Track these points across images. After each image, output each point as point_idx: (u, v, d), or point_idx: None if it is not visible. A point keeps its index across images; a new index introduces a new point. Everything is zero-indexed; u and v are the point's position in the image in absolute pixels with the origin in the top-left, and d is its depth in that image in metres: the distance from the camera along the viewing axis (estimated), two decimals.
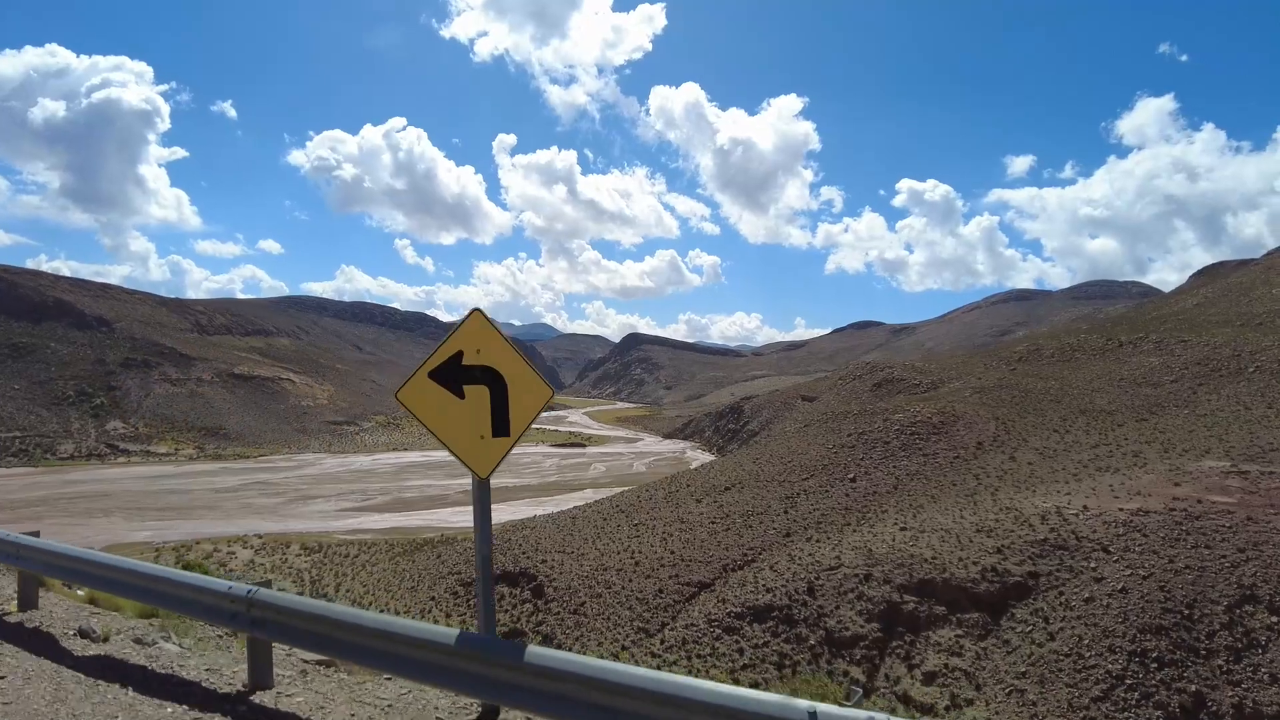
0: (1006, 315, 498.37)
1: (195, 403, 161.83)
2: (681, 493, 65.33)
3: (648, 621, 45.55)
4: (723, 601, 44.84)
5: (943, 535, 43.76)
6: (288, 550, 77.28)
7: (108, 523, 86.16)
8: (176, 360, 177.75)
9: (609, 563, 52.49)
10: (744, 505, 57.75)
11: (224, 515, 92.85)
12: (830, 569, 44.60)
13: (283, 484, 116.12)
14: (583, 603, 48.48)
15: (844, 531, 49.64)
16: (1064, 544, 38.99)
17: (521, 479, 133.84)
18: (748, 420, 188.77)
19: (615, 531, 58.45)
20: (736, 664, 40.57)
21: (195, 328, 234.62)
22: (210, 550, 75.74)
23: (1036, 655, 33.79)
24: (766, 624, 42.48)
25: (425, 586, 57.92)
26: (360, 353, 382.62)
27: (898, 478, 56.87)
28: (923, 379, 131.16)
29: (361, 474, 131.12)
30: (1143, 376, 71.32)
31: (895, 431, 64.68)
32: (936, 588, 40.01)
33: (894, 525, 47.68)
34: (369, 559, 72.25)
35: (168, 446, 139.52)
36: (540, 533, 62.23)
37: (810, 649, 40.41)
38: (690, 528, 55.52)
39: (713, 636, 42.63)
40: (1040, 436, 60.22)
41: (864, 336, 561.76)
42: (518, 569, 55.20)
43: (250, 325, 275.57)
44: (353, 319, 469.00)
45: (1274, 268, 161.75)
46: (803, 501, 56.14)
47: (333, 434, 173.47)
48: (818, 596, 43.09)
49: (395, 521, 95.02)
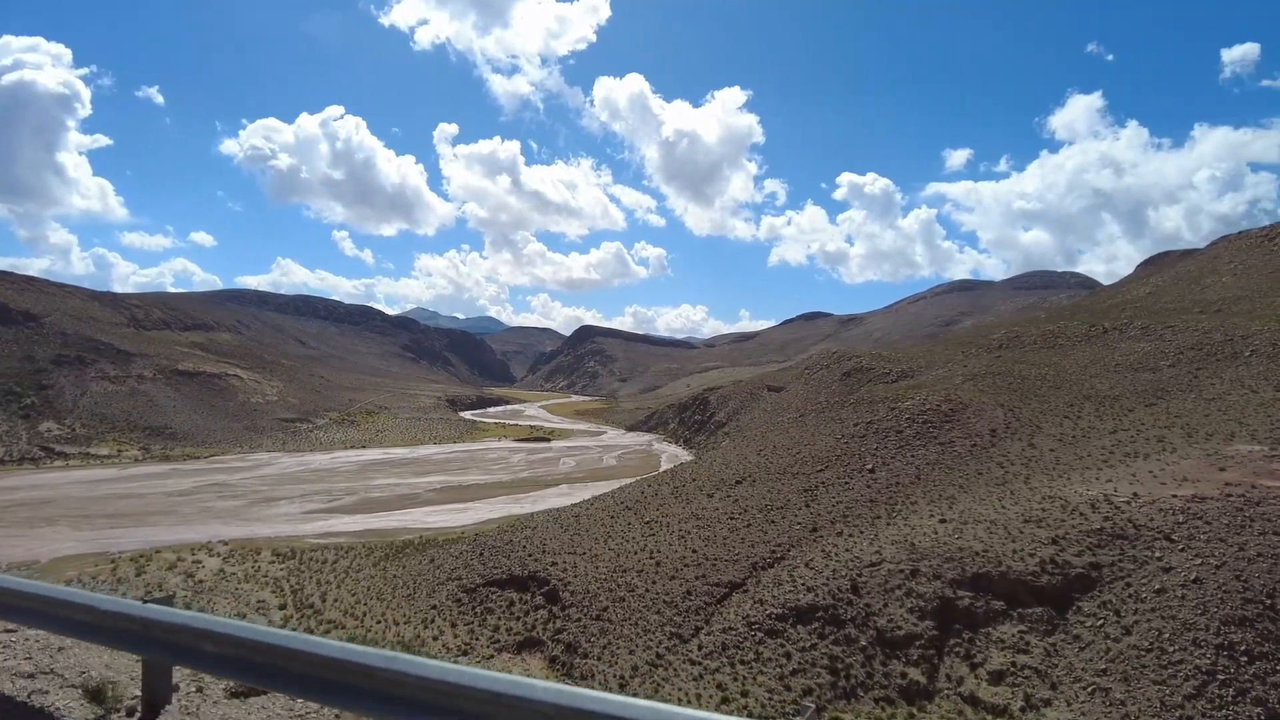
0: (951, 305, 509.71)
1: (137, 401, 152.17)
2: (689, 487, 62.79)
3: (680, 626, 42.93)
4: (760, 603, 42.49)
5: (988, 527, 42.23)
6: (259, 557, 72.06)
7: (52, 533, 79.29)
8: (114, 356, 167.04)
9: (627, 564, 49.63)
10: (760, 499, 55.54)
11: (182, 520, 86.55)
12: (872, 565, 42.65)
13: (241, 485, 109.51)
14: (605, 608, 45.55)
15: (875, 525, 47.81)
16: (1122, 533, 37.74)
17: (492, 475, 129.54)
18: (714, 411, 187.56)
19: (627, 530, 55.57)
20: (785, 669, 38.26)
21: (131, 322, 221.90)
22: (173, 560, 70.05)
23: (1115, 651, 32.28)
24: (811, 625, 40.30)
25: (423, 594, 54.08)
26: (305, 348, 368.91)
27: (918, 468, 55.43)
28: (892, 368, 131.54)
29: (323, 473, 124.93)
30: (1138, 362, 71.74)
31: (906, 420, 63.37)
32: (992, 582, 38.38)
33: (930, 517, 46.04)
34: (350, 565, 67.77)
35: (109, 448, 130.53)
36: (544, 533, 58.92)
37: (862, 650, 38.36)
38: (708, 525, 53.04)
39: (755, 641, 40.24)
40: (1053, 423, 59.60)
41: (813, 327, 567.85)
42: (525, 572, 51.90)
43: (190, 320, 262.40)
44: (295, 313, 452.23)
45: (1220, 257, 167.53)
46: (823, 494, 54.20)
47: (286, 432, 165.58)
48: (863, 594, 41.10)
49: (368, 523, 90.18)
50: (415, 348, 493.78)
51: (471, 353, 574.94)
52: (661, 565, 48.18)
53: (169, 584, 63.06)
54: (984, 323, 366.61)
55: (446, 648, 45.81)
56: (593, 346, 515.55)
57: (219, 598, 58.92)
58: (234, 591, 60.85)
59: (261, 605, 56.73)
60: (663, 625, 43.05)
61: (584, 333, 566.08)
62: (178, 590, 61.07)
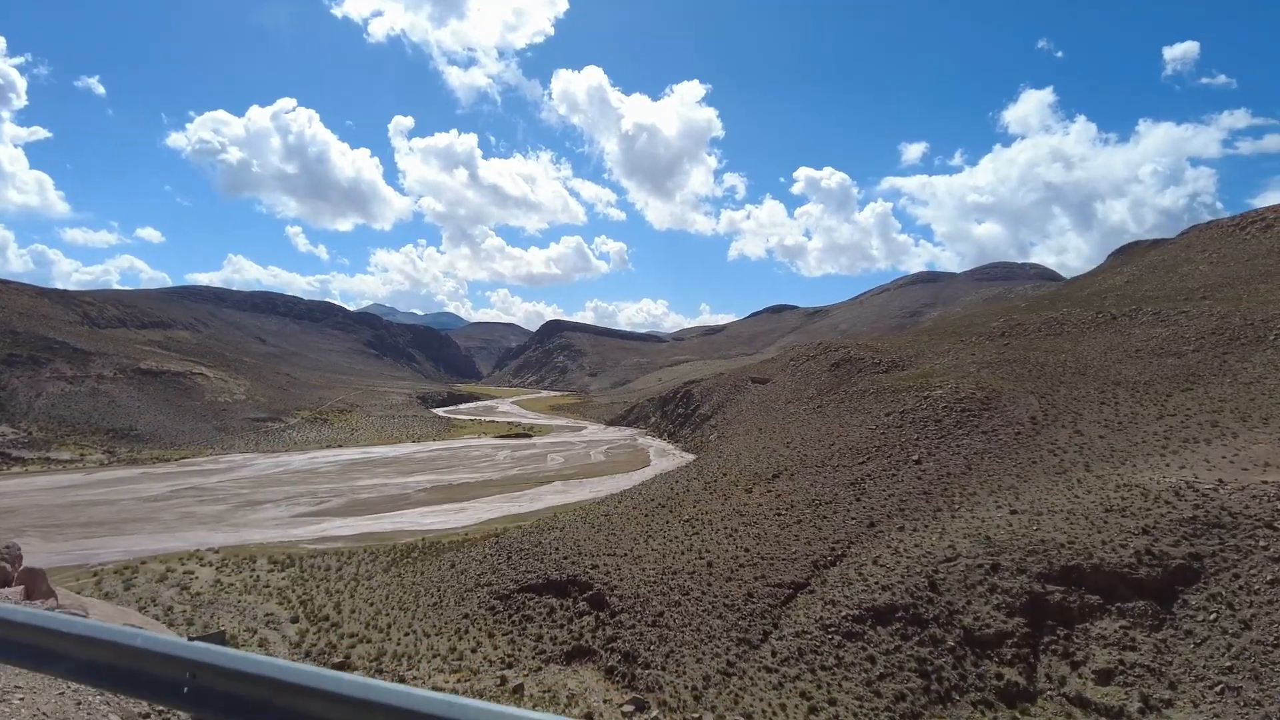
0: (915, 296, 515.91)
1: (98, 402, 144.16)
2: (721, 483, 60.22)
3: (746, 631, 40.32)
4: (832, 604, 40.11)
5: (1066, 517, 40.43)
6: (255, 565, 67.56)
7: (21, 544, 73.15)
8: (69, 356, 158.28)
9: (675, 565, 46.84)
10: (805, 494, 53.23)
11: (164, 528, 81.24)
12: (947, 560, 40.56)
13: (219, 489, 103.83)
14: (660, 613, 42.72)
15: (938, 518, 45.80)
16: (1217, 521, 36.16)
17: (480, 473, 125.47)
18: (698, 404, 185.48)
19: (666, 529, 52.76)
20: (871, 674, 35.94)
21: (84, 320, 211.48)
22: (162, 571, 65.21)
23: (1237, 647, 30.55)
24: (891, 626, 38.04)
25: (451, 602, 50.60)
26: (265, 345, 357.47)
27: (966, 457, 53.68)
28: (882, 358, 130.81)
29: (303, 475, 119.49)
30: (1158, 347, 71.26)
31: (943, 408, 61.69)
32: (1084, 575, 36.50)
33: (997, 508, 44.17)
34: (357, 571, 63.80)
35: (71, 452, 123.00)
36: (575, 534, 55.77)
37: (950, 651, 36.21)
38: (754, 521, 50.52)
39: (833, 644, 37.84)
40: (1091, 410, 58.42)
41: (779, 320, 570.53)
42: (564, 576, 48.77)
43: (146, 317, 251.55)
44: (253, 310, 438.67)
45: (1192, 246, 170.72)
46: (871, 487, 52.08)
47: (257, 432, 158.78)
48: (942, 591, 38.98)
49: (362, 526, 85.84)
50: (378, 344, 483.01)
51: (436, 349, 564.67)
52: (714, 566, 45.51)
53: (162, 597, 58.43)
54: (951, 312, 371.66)
55: (489, 660, 42.56)
56: (561, 341, 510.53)
57: (222, 611, 54.59)
58: (236, 604, 56.50)
59: (271, 619, 52.59)
60: (727, 630, 40.40)
61: (551, 327, 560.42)
62: (174, 604, 56.63)
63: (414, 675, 40.43)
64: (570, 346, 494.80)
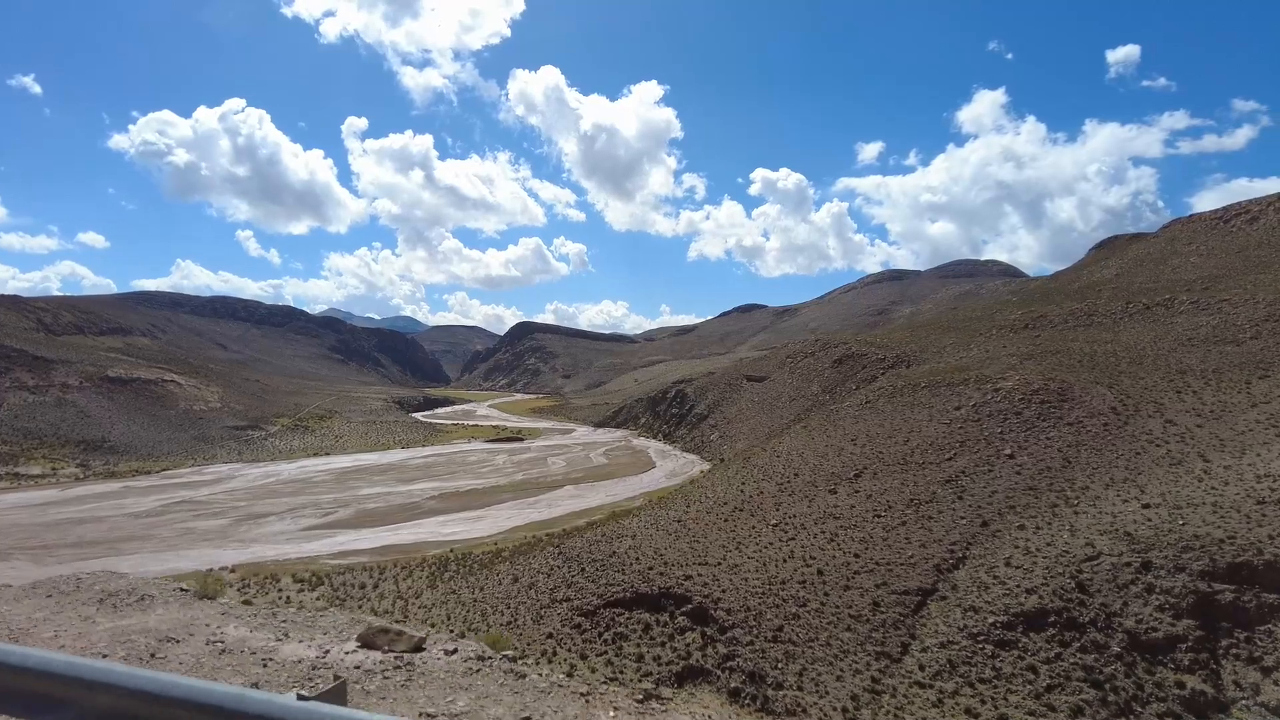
0: (883, 294, 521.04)
1: (65, 412, 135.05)
2: (794, 484, 56.94)
3: (881, 643, 37.04)
4: (973, 610, 37.08)
5: (1213, 510, 38.06)
6: (280, 585, 62.26)
7: (10, 570, 66.79)
8: (29, 364, 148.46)
9: (780, 574, 43.37)
10: (898, 493, 50.26)
11: (165, 545, 75.02)
12: (1090, 559, 37.86)
13: (213, 502, 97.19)
14: (779, 627, 39.20)
15: (1058, 514, 43.18)
16: None
17: (485, 479, 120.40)
18: (693, 404, 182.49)
19: (754, 535, 49.24)
20: (1037, 685, 32.96)
21: (39, 327, 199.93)
22: None
23: None
24: (1046, 632, 35.16)
25: (527, 620, 46.39)
26: (227, 351, 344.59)
27: (1060, 450, 51.31)
28: (886, 354, 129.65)
29: (298, 484, 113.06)
30: (1211, 335, 70.26)
31: (1019, 401, 59.41)
32: (1257, 573, 34.04)
33: (1125, 502, 41.71)
34: (399, 589, 59.06)
35: (42, 466, 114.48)
36: (653, 542, 51.90)
37: (1117, 658, 33.42)
38: (853, 524, 47.35)
39: (986, 655, 34.77)
40: (1171, 399, 56.68)
41: (749, 319, 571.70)
42: (655, 589, 44.94)
43: (103, 324, 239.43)
44: (212, 315, 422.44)
45: (1177, 239, 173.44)
46: (969, 484, 49.32)
47: (238, 441, 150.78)
48: (1093, 593, 36.23)
49: (380, 538, 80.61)
50: (343, 349, 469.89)
51: (401, 353, 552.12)
52: (826, 574, 42.19)
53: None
54: (923, 309, 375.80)
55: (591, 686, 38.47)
56: (532, 343, 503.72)
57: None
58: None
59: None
60: (860, 644, 37.07)
61: (521, 329, 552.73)
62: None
63: None
64: (542, 349, 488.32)
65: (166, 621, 9.02)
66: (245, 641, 8.36)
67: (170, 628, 8.70)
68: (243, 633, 8.74)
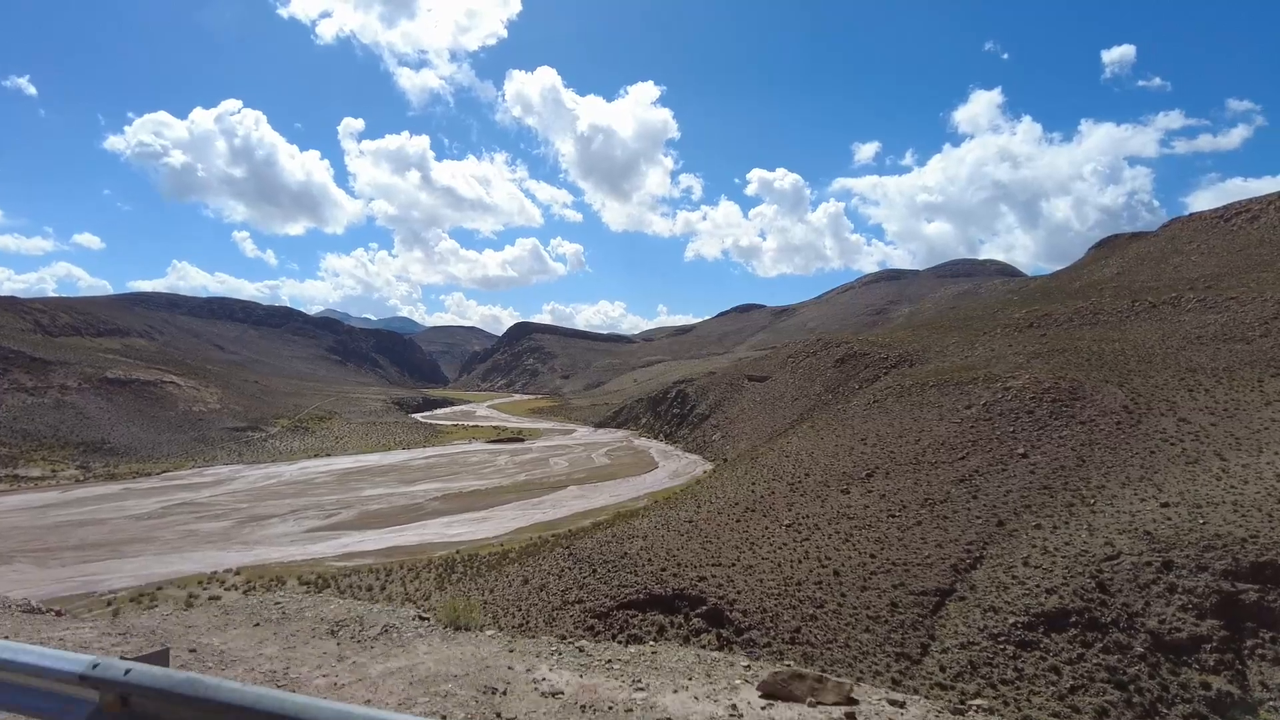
0: (881, 294, 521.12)
1: (65, 414, 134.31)
2: (805, 484, 56.58)
3: (901, 644, 36.67)
4: (993, 610, 36.75)
5: (1233, 509, 37.79)
6: (284, 587, 61.69)
7: (13, 573, 66.24)
8: (28, 365, 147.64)
9: (795, 574, 43.00)
10: (911, 493, 49.93)
11: (169, 548, 74.43)
12: (1109, 559, 37.57)
13: (215, 504, 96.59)
14: (797, 629, 38.83)
15: (1074, 513, 42.87)
16: None
17: (488, 480, 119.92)
18: (694, 404, 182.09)
19: (768, 535, 48.85)
20: (1060, 687, 32.61)
21: (36, 328, 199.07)
22: (185, 597, 59.07)
23: None
24: (1067, 633, 34.83)
25: (539, 621, 45.97)
26: (224, 352, 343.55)
27: (1074, 449, 51.04)
28: (889, 353, 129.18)
29: (299, 486, 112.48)
30: (1219, 332, 70.07)
31: (1030, 400, 59.15)
32: None
33: (1144, 501, 41.41)
34: (408, 590, 58.67)
35: (41, 468, 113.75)
36: (664, 542, 51.48)
37: (1141, 659, 33.10)
38: (868, 524, 47.01)
39: (1007, 656, 34.43)
40: (1183, 398, 56.44)
41: (748, 319, 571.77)
42: (669, 590, 44.52)
43: (101, 325, 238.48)
44: (210, 316, 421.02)
45: (1178, 238, 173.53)
46: (984, 483, 49.03)
47: (238, 442, 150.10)
48: (1114, 593, 35.93)
49: (385, 540, 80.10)
50: (340, 349, 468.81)
51: (399, 353, 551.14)
52: (842, 575, 41.82)
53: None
54: (923, 309, 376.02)
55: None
56: (530, 344, 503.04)
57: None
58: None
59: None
60: (880, 645, 36.70)
61: (519, 330, 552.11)
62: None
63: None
64: (540, 349, 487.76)
65: (445, 661, 7.58)
66: (593, 692, 6.68)
67: (463, 670, 7.22)
68: (567, 676, 7.17)
